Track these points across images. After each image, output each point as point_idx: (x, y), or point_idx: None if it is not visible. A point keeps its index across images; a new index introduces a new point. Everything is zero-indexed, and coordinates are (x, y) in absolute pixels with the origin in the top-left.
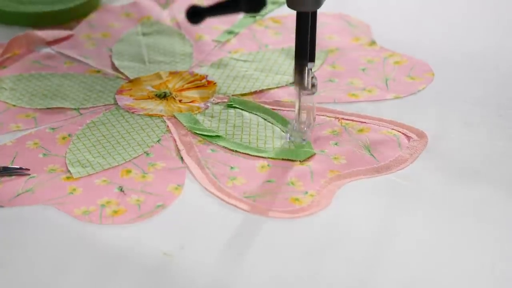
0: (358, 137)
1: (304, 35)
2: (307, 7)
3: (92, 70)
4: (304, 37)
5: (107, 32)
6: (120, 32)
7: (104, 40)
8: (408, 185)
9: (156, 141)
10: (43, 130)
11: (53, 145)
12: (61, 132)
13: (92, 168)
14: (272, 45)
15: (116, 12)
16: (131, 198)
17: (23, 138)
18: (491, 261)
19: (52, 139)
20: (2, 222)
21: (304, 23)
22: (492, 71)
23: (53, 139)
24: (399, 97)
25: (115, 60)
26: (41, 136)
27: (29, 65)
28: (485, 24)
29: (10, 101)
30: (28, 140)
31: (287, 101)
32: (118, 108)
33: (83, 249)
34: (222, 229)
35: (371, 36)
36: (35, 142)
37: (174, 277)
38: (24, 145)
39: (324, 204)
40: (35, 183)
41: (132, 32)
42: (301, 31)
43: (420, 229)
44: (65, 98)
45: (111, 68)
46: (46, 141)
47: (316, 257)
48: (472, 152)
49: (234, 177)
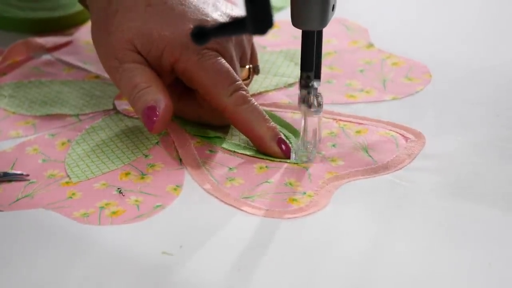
0: (355, 138)
1: (309, 53)
2: (312, 26)
3: (91, 76)
4: (310, 55)
5: None
6: None
7: None
8: (406, 186)
9: (155, 143)
10: (42, 136)
11: (52, 151)
12: (60, 138)
13: (92, 173)
14: (271, 47)
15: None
16: (130, 199)
17: (23, 145)
18: (488, 261)
19: (52, 145)
20: (2, 226)
21: (310, 41)
22: (490, 72)
23: (52, 145)
24: (397, 98)
25: None
26: (40, 142)
27: (29, 72)
28: (482, 25)
29: (9, 108)
30: (28, 146)
31: (285, 102)
32: (118, 113)
33: (82, 250)
34: (221, 230)
35: (369, 39)
36: (35, 148)
37: (173, 277)
38: (23, 151)
39: (323, 204)
40: (35, 188)
41: None
42: (307, 50)
43: (418, 229)
44: (64, 104)
45: None
46: (45, 147)
47: (314, 257)
48: (469, 153)
49: (233, 178)
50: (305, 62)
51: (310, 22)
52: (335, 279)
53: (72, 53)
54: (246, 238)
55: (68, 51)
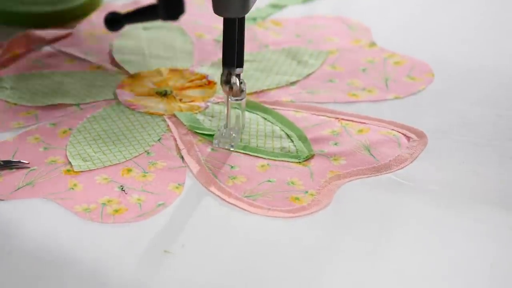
0: (357, 137)
1: (231, 41)
2: (234, 14)
3: (93, 66)
4: (231, 43)
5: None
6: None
7: (105, 36)
8: (408, 185)
9: (157, 140)
10: (44, 126)
11: (53, 139)
12: (61, 127)
13: (93, 163)
14: (273, 45)
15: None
16: (132, 197)
17: (24, 134)
18: (489, 261)
19: (53, 133)
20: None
21: (231, 29)
22: (491, 71)
23: (53, 134)
24: (399, 97)
25: (115, 54)
26: (41, 131)
27: (30, 64)
28: (484, 24)
29: (11, 100)
30: (29, 136)
31: (287, 101)
32: (119, 103)
33: (83, 246)
34: (223, 228)
35: (371, 38)
36: (36, 137)
37: (175, 276)
38: (25, 140)
39: (325, 203)
40: (36, 175)
41: (132, 26)
42: (228, 37)
43: (420, 228)
44: (65, 95)
45: (111, 63)
46: (46, 136)
47: (316, 255)
48: (471, 152)
49: (235, 176)
50: (227, 56)
51: (231, 9)
52: (337, 277)
53: (73, 44)
54: (248, 237)
55: (69, 42)
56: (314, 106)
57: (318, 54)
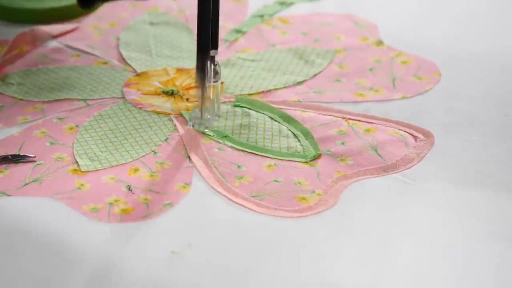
0: (365, 137)
1: (205, 22)
2: None
3: (99, 61)
4: (205, 24)
5: (115, 22)
6: (127, 20)
7: (112, 30)
8: (415, 184)
9: (164, 140)
10: (50, 120)
11: (60, 135)
12: (68, 123)
13: (100, 163)
14: (280, 44)
15: (123, 5)
16: (139, 197)
17: (30, 128)
18: (497, 260)
19: (59, 129)
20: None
21: (205, 10)
22: (499, 71)
23: (60, 129)
24: (406, 97)
25: (122, 50)
26: (48, 125)
27: (37, 59)
28: (492, 24)
29: (17, 95)
30: (35, 129)
31: (294, 100)
32: (126, 102)
33: (90, 245)
34: (229, 228)
35: (379, 36)
36: (42, 131)
37: (181, 275)
38: (31, 134)
39: (332, 203)
40: (42, 171)
41: (139, 20)
42: (202, 19)
43: (426, 228)
44: (72, 89)
45: (118, 60)
46: (53, 131)
47: (323, 255)
48: (478, 152)
49: (241, 176)
50: (202, 40)
51: None
52: (344, 278)
53: (80, 38)
54: (255, 237)
55: (75, 36)
56: (321, 106)
57: (325, 53)
